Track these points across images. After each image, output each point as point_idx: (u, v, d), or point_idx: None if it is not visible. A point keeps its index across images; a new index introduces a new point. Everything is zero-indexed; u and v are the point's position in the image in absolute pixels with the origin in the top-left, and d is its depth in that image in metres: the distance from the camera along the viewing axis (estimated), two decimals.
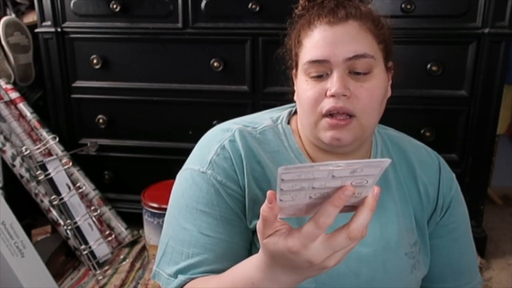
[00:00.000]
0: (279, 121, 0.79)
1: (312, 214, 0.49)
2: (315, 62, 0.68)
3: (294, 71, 0.76)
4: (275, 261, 0.53)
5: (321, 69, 0.68)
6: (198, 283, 0.68)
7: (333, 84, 0.66)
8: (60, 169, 1.83)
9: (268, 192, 0.48)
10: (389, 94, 0.75)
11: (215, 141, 0.75)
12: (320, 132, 0.70)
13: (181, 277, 0.69)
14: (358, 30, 0.67)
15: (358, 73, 0.67)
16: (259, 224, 0.51)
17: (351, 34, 0.67)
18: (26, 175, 1.79)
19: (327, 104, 0.67)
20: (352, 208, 0.50)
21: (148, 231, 1.79)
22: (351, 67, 0.67)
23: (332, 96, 0.66)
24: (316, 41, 0.68)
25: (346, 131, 0.68)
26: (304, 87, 0.70)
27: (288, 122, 0.80)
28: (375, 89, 0.68)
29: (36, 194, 1.80)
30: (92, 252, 1.77)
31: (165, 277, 0.72)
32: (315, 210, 0.49)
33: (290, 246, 0.49)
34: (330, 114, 0.68)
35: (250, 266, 0.58)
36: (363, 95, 0.67)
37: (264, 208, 0.49)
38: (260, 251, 0.55)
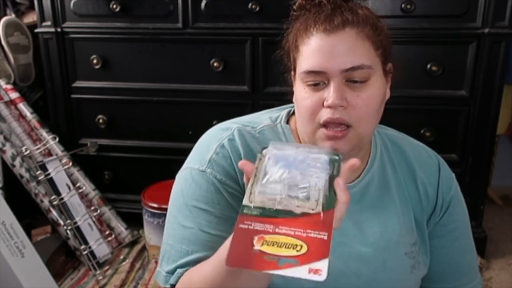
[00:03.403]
0: (278, 121, 0.80)
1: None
2: (311, 73, 0.68)
3: (292, 73, 0.76)
4: None
5: (318, 79, 0.68)
6: (194, 270, 0.68)
7: (330, 95, 0.66)
8: (60, 169, 1.83)
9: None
10: (387, 96, 0.75)
11: (214, 140, 0.75)
12: (318, 142, 0.70)
13: (179, 271, 0.70)
14: (355, 39, 0.66)
15: (355, 81, 0.67)
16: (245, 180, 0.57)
17: (348, 44, 0.66)
18: (26, 175, 1.79)
19: (324, 115, 0.67)
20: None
21: (148, 231, 1.79)
22: (348, 77, 0.67)
23: (329, 106, 0.66)
24: (312, 51, 0.68)
25: (343, 142, 0.68)
26: (301, 95, 0.70)
27: (287, 122, 0.80)
28: (372, 98, 0.68)
29: (36, 194, 1.80)
30: (92, 252, 1.77)
31: (163, 275, 0.72)
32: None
33: None
34: (326, 124, 0.68)
35: None
36: (360, 105, 0.67)
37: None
38: None
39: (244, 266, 0.49)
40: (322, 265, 0.47)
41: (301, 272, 0.47)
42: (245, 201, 0.52)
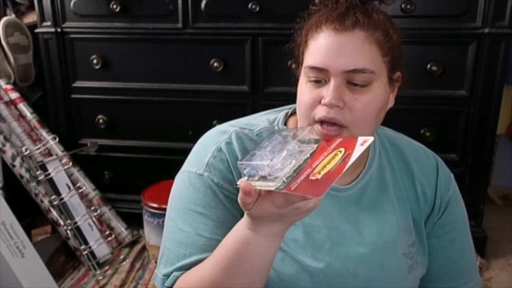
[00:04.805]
0: (275, 123, 0.80)
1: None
2: (314, 69, 0.68)
3: (300, 67, 0.76)
4: (264, 219, 0.57)
5: (320, 76, 0.68)
6: (191, 271, 0.68)
7: (327, 93, 0.66)
8: (60, 169, 1.83)
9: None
10: (390, 104, 0.75)
11: (212, 144, 0.75)
12: None
13: (175, 274, 0.70)
14: (362, 41, 0.66)
15: (355, 85, 0.67)
16: (241, 198, 0.55)
17: (354, 45, 0.66)
18: (26, 175, 1.79)
19: (320, 112, 0.67)
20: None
21: (148, 231, 1.79)
22: (349, 78, 0.66)
23: (325, 105, 0.67)
24: (319, 47, 0.68)
25: None
26: (302, 90, 0.71)
27: (285, 124, 0.80)
28: (370, 103, 0.68)
29: (36, 194, 1.80)
30: (92, 252, 1.77)
31: (160, 278, 0.73)
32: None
33: (276, 203, 0.54)
34: (321, 122, 0.68)
35: (241, 229, 0.61)
36: (357, 108, 0.67)
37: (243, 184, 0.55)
38: (244, 221, 0.60)
39: (322, 189, 0.51)
40: (362, 139, 0.58)
41: (357, 151, 0.56)
42: (273, 188, 0.53)
